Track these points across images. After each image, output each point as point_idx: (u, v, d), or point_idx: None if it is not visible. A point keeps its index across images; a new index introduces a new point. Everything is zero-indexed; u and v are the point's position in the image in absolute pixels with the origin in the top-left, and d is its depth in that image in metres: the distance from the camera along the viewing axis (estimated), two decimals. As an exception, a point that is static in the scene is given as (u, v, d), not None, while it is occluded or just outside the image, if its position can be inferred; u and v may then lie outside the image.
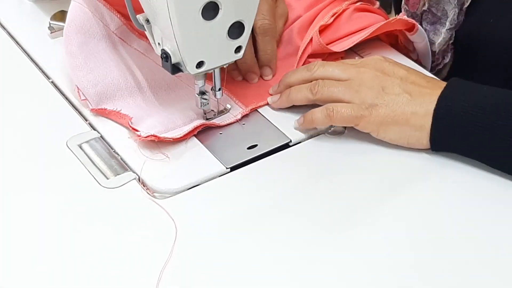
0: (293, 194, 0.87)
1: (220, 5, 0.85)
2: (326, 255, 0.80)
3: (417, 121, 0.88)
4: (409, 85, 0.90)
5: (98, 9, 0.99)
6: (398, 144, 0.90)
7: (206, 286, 0.77)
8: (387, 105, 0.89)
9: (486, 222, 0.83)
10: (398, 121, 0.89)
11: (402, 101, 0.89)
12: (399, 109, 0.89)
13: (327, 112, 0.90)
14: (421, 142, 0.89)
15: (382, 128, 0.89)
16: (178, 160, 0.90)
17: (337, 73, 0.93)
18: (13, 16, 1.13)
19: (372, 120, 0.89)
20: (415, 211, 0.85)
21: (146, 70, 0.98)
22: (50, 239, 0.81)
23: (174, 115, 0.94)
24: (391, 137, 0.90)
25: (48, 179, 0.88)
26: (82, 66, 0.96)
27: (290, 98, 0.95)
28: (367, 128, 0.90)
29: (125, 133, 0.93)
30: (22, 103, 0.98)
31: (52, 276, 0.77)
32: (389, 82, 0.90)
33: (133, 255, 0.79)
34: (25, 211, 0.84)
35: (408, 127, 0.89)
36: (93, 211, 0.84)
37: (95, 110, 0.95)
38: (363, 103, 0.90)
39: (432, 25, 1.05)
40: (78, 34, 0.97)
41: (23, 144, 0.92)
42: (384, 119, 0.89)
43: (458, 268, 0.79)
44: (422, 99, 0.89)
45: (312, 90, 0.92)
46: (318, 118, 0.91)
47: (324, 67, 0.94)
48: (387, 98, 0.89)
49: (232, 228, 0.83)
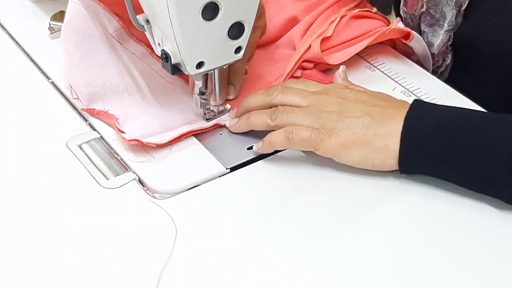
0: (293, 195, 0.87)
1: (220, 5, 0.85)
2: (326, 255, 0.80)
3: (380, 141, 0.85)
4: (371, 107, 0.88)
5: (96, 11, 0.99)
6: (362, 167, 0.87)
7: (205, 286, 0.77)
8: (347, 128, 0.86)
9: (486, 223, 0.83)
10: (361, 143, 0.86)
11: (363, 124, 0.86)
12: (361, 132, 0.86)
13: (286, 134, 0.88)
14: (386, 164, 0.86)
15: (344, 152, 0.87)
16: (178, 160, 0.90)
17: (296, 101, 0.90)
18: (13, 16, 1.13)
19: (332, 144, 0.86)
20: (415, 212, 0.84)
21: (141, 74, 0.98)
22: (50, 239, 0.81)
23: (166, 118, 0.93)
24: (354, 160, 0.87)
25: (48, 179, 0.88)
26: (76, 65, 0.96)
27: (249, 122, 0.92)
28: (328, 152, 0.87)
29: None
30: (22, 103, 0.98)
31: (52, 276, 0.77)
32: (350, 106, 0.88)
33: (133, 255, 0.79)
34: (25, 211, 0.84)
35: (372, 148, 0.86)
36: (93, 212, 0.84)
37: (84, 109, 0.95)
38: (322, 127, 0.87)
39: (431, 27, 1.05)
40: (76, 34, 0.98)
41: (23, 144, 0.92)
42: (346, 142, 0.86)
43: (458, 269, 0.79)
44: (385, 120, 0.86)
45: (271, 116, 0.90)
46: (277, 141, 0.89)
47: (284, 93, 0.91)
48: (347, 121, 0.87)
49: (232, 229, 0.83)
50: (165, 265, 0.78)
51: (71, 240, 0.81)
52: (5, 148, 0.92)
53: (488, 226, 0.83)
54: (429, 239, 0.82)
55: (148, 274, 0.77)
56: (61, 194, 0.86)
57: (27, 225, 0.82)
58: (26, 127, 0.95)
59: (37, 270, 0.78)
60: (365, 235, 0.82)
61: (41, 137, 0.93)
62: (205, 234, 0.82)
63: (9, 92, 1.00)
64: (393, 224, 0.83)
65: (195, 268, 0.78)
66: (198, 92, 0.92)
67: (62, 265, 0.78)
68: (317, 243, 0.81)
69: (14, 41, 1.08)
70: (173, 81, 0.98)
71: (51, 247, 0.80)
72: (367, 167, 0.87)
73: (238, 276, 0.78)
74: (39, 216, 0.83)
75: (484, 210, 0.84)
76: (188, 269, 0.78)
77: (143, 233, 0.82)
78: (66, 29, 0.98)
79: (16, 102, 0.99)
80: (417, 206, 0.85)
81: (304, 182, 0.88)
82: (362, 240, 0.81)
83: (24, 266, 0.78)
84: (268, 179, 0.89)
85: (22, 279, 0.77)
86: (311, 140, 0.87)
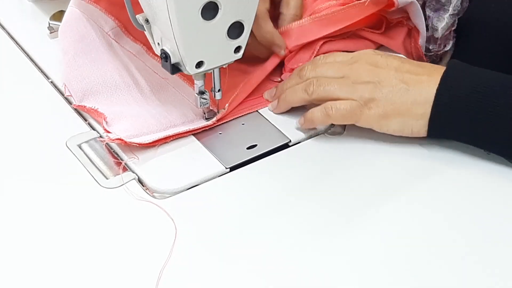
0: (293, 194, 0.87)
1: (220, 5, 0.85)
2: (325, 255, 0.80)
3: (419, 109, 0.88)
4: (405, 74, 0.89)
5: (93, 13, 1.00)
6: (402, 134, 0.89)
7: (205, 286, 0.77)
8: (385, 97, 0.89)
9: (486, 222, 0.83)
10: (400, 112, 0.88)
11: (400, 92, 0.88)
12: (399, 100, 0.88)
13: (326, 110, 0.90)
14: (425, 130, 0.88)
15: (383, 122, 0.89)
16: (177, 160, 0.90)
17: (330, 73, 0.92)
18: (12, 16, 1.13)
19: (372, 114, 0.89)
20: (415, 212, 0.84)
21: (135, 71, 0.99)
22: (50, 239, 0.81)
23: (165, 118, 0.93)
24: (395, 129, 0.89)
25: (48, 179, 0.88)
26: (70, 62, 0.97)
27: (286, 100, 0.94)
28: (368, 123, 0.90)
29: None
30: (21, 103, 0.98)
31: (52, 276, 0.77)
32: (385, 75, 0.90)
33: (133, 255, 0.79)
34: (25, 210, 0.84)
35: (410, 116, 0.88)
36: (93, 211, 0.84)
37: (76, 106, 0.95)
38: (361, 98, 0.89)
39: (436, 12, 1.04)
40: (72, 33, 0.99)
41: (22, 144, 0.92)
42: (385, 112, 0.88)
43: (457, 268, 0.79)
44: (421, 87, 0.88)
45: (307, 90, 0.92)
46: (318, 117, 0.91)
47: (315, 70, 0.93)
48: (384, 91, 0.89)
49: (232, 228, 0.83)
50: (165, 264, 0.78)
51: (70, 240, 0.81)
52: (4, 148, 0.92)
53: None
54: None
55: (147, 273, 0.77)
56: (60, 194, 0.86)
57: (27, 225, 0.82)
58: (25, 127, 0.95)
59: (36, 270, 0.78)
60: (365, 234, 0.82)
61: (41, 136, 0.93)
62: (205, 233, 0.82)
63: (9, 91, 1.00)
64: (393, 225, 0.83)
65: (194, 268, 0.78)
66: (198, 92, 0.92)
67: (62, 265, 0.78)
68: (317, 243, 0.81)
69: (14, 41, 1.08)
70: (167, 77, 0.98)
71: (51, 247, 0.80)
72: (406, 135, 0.89)
73: (238, 275, 0.78)
74: (39, 216, 0.83)
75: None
76: (188, 268, 0.78)
77: (142, 233, 0.82)
78: (63, 29, 1.00)
79: (16, 102, 0.99)
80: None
81: (304, 182, 0.88)
82: (362, 240, 0.81)
83: (24, 266, 0.78)
84: (268, 179, 0.89)
85: (22, 279, 0.77)
86: (351, 114, 0.89)
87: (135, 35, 1.01)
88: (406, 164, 0.90)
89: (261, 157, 0.91)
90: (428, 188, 0.87)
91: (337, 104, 0.90)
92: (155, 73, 0.99)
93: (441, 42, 1.06)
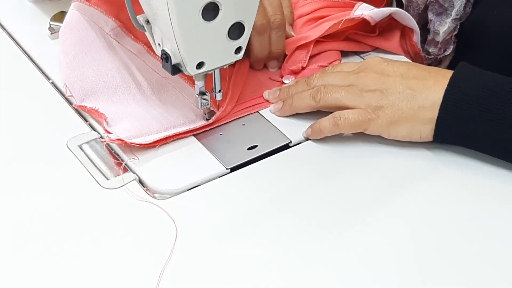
0: (293, 195, 0.87)
1: (220, 5, 0.85)
2: (326, 255, 0.80)
3: (426, 114, 0.88)
4: (411, 80, 0.90)
5: (93, 15, 1.01)
6: (411, 140, 0.90)
7: (206, 287, 0.77)
8: (392, 104, 0.89)
9: (489, 221, 0.83)
10: (407, 118, 0.89)
11: (407, 98, 0.89)
12: (406, 106, 0.88)
13: (334, 120, 0.90)
14: (433, 134, 0.89)
15: (392, 128, 0.89)
16: (178, 160, 0.90)
17: (337, 82, 0.93)
18: (13, 17, 1.13)
19: (380, 122, 0.89)
20: (415, 212, 0.84)
21: (135, 71, 0.99)
22: (50, 240, 0.81)
23: (165, 118, 0.93)
24: (403, 135, 0.90)
25: (48, 179, 0.88)
26: (71, 63, 0.97)
27: (293, 106, 0.94)
28: (377, 130, 0.90)
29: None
30: (22, 103, 0.98)
31: (52, 276, 0.77)
32: (391, 82, 0.90)
33: (133, 256, 0.79)
34: (25, 211, 0.84)
35: (418, 121, 0.88)
36: (93, 212, 0.84)
37: (77, 106, 0.95)
38: (368, 106, 0.89)
39: (438, 16, 1.05)
40: (72, 34, 0.99)
41: (23, 144, 0.92)
42: (393, 119, 0.89)
43: (460, 267, 0.79)
44: (427, 92, 0.88)
45: (314, 97, 0.92)
46: (326, 127, 0.91)
47: (323, 78, 0.94)
48: (391, 98, 0.89)
49: (232, 229, 0.83)
50: (166, 265, 0.78)
51: (71, 240, 0.81)
52: (5, 148, 0.92)
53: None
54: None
55: (148, 274, 0.77)
56: (61, 195, 0.86)
57: (28, 225, 0.82)
58: (26, 128, 0.95)
59: (36, 270, 0.78)
60: (366, 235, 0.82)
61: (41, 137, 0.93)
62: (205, 234, 0.82)
63: (9, 92, 1.00)
64: (393, 225, 0.83)
65: (195, 268, 0.78)
66: (199, 92, 0.92)
67: (63, 265, 0.78)
68: (317, 243, 0.81)
69: (14, 42, 1.08)
70: (168, 77, 0.98)
71: (52, 248, 0.80)
72: (415, 140, 0.90)
73: (238, 276, 0.78)
74: (39, 216, 0.83)
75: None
76: (188, 269, 0.78)
77: (143, 234, 0.82)
78: (64, 31, 1.00)
79: (16, 103, 0.99)
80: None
81: (304, 182, 0.88)
82: (363, 241, 0.81)
83: (24, 266, 0.78)
84: (268, 179, 0.89)
85: (22, 279, 0.77)
86: (359, 123, 0.89)
87: (135, 35, 1.01)
88: (408, 165, 0.90)
89: (262, 158, 0.91)
90: (429, 189, 0.87)
91: (345, 113, 0.90)
92: (156, 72, 0.99)
93: (441, 46, 1.06)
